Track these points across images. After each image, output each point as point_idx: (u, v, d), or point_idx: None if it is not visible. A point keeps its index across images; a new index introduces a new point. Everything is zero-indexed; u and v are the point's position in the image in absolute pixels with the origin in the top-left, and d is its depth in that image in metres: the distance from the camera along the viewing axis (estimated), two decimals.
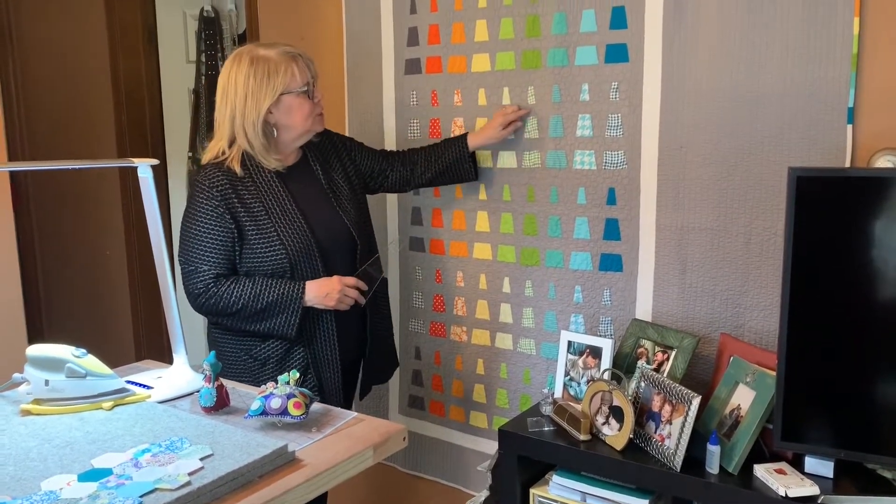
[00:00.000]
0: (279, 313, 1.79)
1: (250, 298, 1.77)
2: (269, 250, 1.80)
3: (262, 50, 1.81)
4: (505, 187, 2.14)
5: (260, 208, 1.81)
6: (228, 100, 1.80)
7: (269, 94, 1.78)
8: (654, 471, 1.58)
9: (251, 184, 1.82)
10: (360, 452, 1.30)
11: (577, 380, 1.89)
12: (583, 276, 2.03)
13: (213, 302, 1.77)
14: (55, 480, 1.12)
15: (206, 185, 1.78)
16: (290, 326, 1.80)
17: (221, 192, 1.78)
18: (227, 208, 1.78)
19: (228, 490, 1.13)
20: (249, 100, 1.78)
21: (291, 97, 1.81)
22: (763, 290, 1.76)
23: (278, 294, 1.78)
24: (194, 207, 1.79)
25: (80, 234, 3.55)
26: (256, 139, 1.80)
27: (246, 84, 1.78)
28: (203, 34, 3.38)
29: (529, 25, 2.02)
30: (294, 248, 1.81)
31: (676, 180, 1.85)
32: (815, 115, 1.66)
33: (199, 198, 1.79)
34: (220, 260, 1.78)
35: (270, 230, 1.80)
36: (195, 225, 1.78)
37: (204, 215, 1.78)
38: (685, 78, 1.81)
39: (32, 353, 1.43)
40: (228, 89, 1.80)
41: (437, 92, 2.22)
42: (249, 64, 1.78)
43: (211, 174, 1.79)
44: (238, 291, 1.77)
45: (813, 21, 1.64)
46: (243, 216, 1.79)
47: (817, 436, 1.49)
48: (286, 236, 1.81)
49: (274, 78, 1.78)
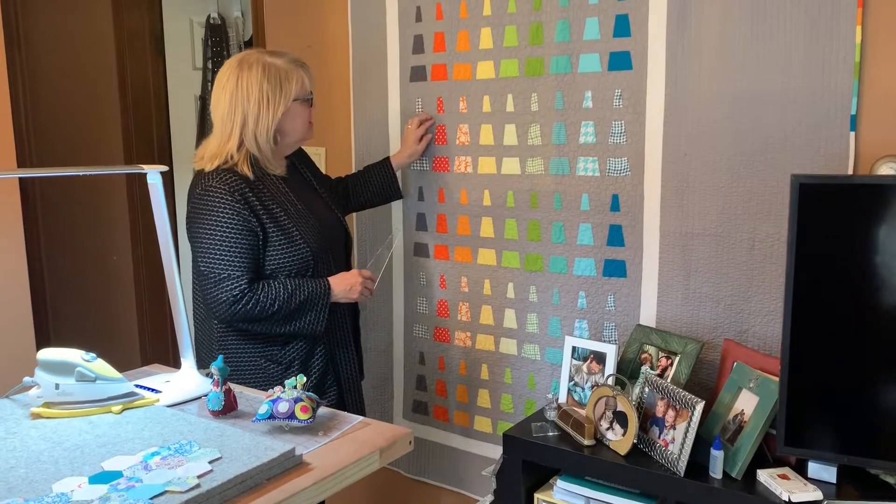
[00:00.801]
0: (310, 311, 1.82)
1: (285, 299, 1.78)
2: (294, 248, 1.82)
3: (269, 57, 1.83)
4: (509, 193, 2.15)
5: (277, 209, 1.82)
6: (240, 104, 1.80)
7: (283, 102, 1.82)
8: (657, 476, 1.59)
9: (262, 186, 1.83)
10: (366, 456, 1.31)
11: (581, 385, 1.90)
12: (587, 282, 2.04)
13: (250, 307, 1.76)
14: (66, 483, 1.13)
15: (226, 190, 1.76)
16: (320, 323, 1.84)
17: (242, 195, 1.77)
18: (249, 210, 1.77)
19: (237, 493, 1.14)
20: (264, 106, 1.80)
21: (298, 104, 1.86)
22: (766, 296, 1.77)
23: (309, 292, 1.81)
24: (215, 213, 1.76)
25: (87, 240, 3.57)
26: (267, 145, 1.83)
27: (260, 90, 1.79)
28: (209, 41, 3.41)
29: (533, 33, 2.04)
30: (314, 244, 1.86)
31: (680, 187, 1.86)
32: (818, 122, 1.67)
33: (220, 203, 1.76)
34: (250, 264, 1.78)
35: (291, 229, 1.83)
36: (220, 230, 1.76)
37: (229, 220, 1.76)
38: (688, 85, 1.82)
39: (43, 356, 1.44)
40: (238, 95, 1.80)
41: (443, 99, 2.24)
42: (262, 71, 1.80)
43: (226, 178, 1.78)
44: (273, 293, 1.78)
45: (815, 29, 1.65)
46: (265, 217, 1.80)
47: (820, 441, 1.50)
48: (306, 233, 1.85)
49: (287, 85, 1.82)
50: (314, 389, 1.88)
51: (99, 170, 1.90)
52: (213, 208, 1.76)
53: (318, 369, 1.91)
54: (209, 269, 1.76)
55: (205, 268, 1.77)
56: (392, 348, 2.47)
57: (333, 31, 2.48)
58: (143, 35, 3.37)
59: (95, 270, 3.57)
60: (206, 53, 3.44)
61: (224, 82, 1.83)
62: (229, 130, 1.82)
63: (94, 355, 1.47)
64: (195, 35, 3.48)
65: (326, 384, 1.93)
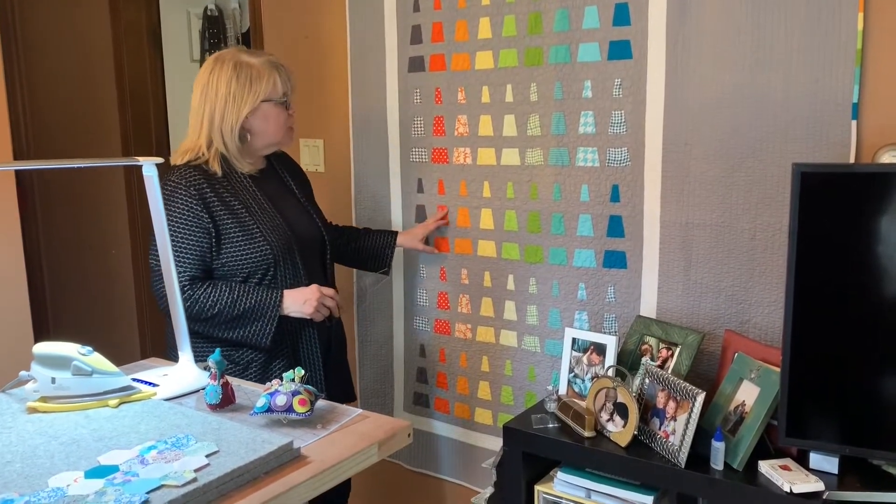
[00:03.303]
0: (255, 320, 1.78)
1: (227, 303, 1.75)
2: (252, 246, 1.79)
3: (245, 56, 1.84)
4: (508, 184, 2.14)
5: (239, 206, 1.81)
6: (208, 100, 1.81)
7: (251, 100, 1.81)
8: (658, 467, 1.58)
9: (226, 183, 1.82)
10: (364, 449, 1.30)
11: (581, 377, 1.89)
12: (587, 273, 2.03)
13: (187, 305, 1.71)
14: (62, 477, 1.12)
15: (183, 184, 1.77)
16: (266, 335, 1.78)
17: (199, 191, 1.77)
18: (204, 207, 1.76)
19: (234, 486, 1.13)
20: (230, 103, 1.80)
21: (270, 105, 1.84)
22: (768, 287, 1.76)
23: (256, 300, 1.77)
24: (169, 207, 1.74)
25: (85, 233, 3.56)
26: (232, 142, 1.82)
27: (228, 87, 1.79)
28: (207, 33, 3.39)
29: (532, 22, 2.02)
30: (276, 244, 1.82)
31: (680, 177, 1.85)
32: (820, 110, 1.66)
33: (175, 197, 1.76)
34: (195, 261, 1.77)
35: (252, 226, 1.80)
36: (170, 225, 1.73)
37: (180, 214, 1.75)
38: (689, 74, 1.80)
39: (39, 350, 1.43)
40: (209, 90, 1.81)
41: (441, 90, 2.22)
42: (233, 68, 1.80)
43: (186, 173, 1.78)
44: (215, 296, 1.75)
45: (817, 16, 1.63)
46: (223, 213, 1.78)
47: (822, 432, 1.49)
48: (267, 232, 1.82)
49: (257, 84, 1.81)
50: None
51: (95, 162, 1.88)
52: (169, 203, 1.76)
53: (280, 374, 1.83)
54: (154, 262, 1.77)
55: (152, 260, 1.78)
56: (392, 341, 2.46)
57: (331, 21, 2.46)
58: (140, 27, 3.35)
59: (94, 264, 3.56)
60: (203, 46, 3.42)
61: (199, 78, 1.85)
62: (199, 126, 1.83)
63: (91, 349, 1.46)
64: (192, 27, 3.46)
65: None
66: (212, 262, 1.79)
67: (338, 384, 2.06)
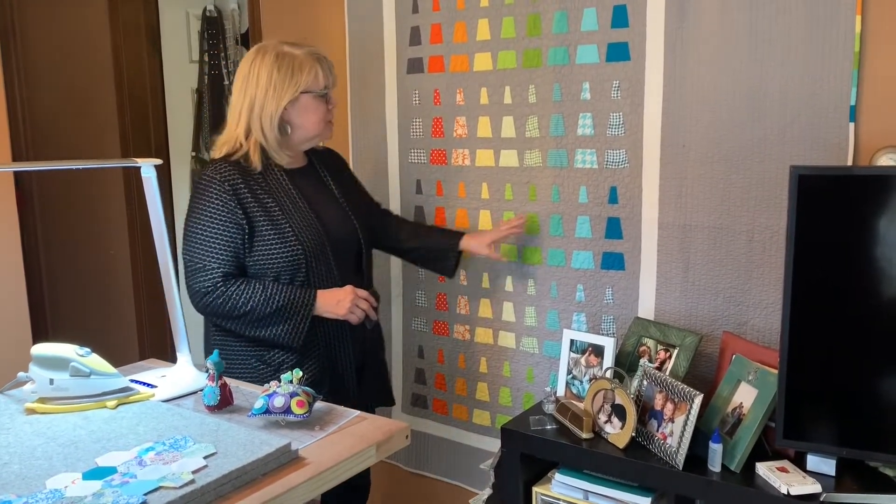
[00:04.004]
0: (287, 319, 1.74)
1: (260, 301, 1.72)
2: (284, 244, 1.75)
3: (287, 47, 1.80)
4: (507, 186, 2.14)
5: (272, 203, 1.77)
6: (249, 90, 1.78)
7: (291, 90, 1.77)
8: (656, 469, 1.58)
9: (261, 179, 1.79)
10: (362, 450, 1.30)
11: (579, 378, 1.89)
12: (585, 275, 2.03)
13: (220, 302, 1.72)
14: (60, 479, 1.12)
15: (217, 179, 1.74)
16: (298, 335, 1.75)
17: (232, 186, 1.74)
18: (237, 202, 1.73)
19: (232, 488, 1.13)
20: (270, 93, 1.77)
21: (309, 98, 1.81)
22: (765, 289, 1.76)
23: (289, 299, 1.73)
24: (202, 202, 1.74)
25: (84, 234, 3.56)
26: (271, 133, 1.79)
27: (269, 77, 1.76)
28: (206, 33, 3.39)
29: (531, 24, 2.02)
30: (308, 243, 1.78)
31: (678, 179, 1.85)
32: (817, 113, 1.66)
33: (208, 192, 1.73)
34: (229, 257, 1.74)
35: (284, 224, 1.76)
36: (203, 220, 1.73)
37: (214, 210, 1.73)
38: (687, 76, 1.81)
39: (37, 352, 1.43)
40: (250, 80, 1.78)
41: (440, 91, 2.23)
42: (275, 58, 1.77)
43: (220, 168, 1.75)
44: (249, 292, 1.72)
45: (815, 19, 1.64)
46: (255, 210, 1.75)
47: (819, 434, 1.49)
48: (299, 231, 1.78)
49: (298, 75, 1.77)
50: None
51: (93, 163, 1.88)
52: (201, 198, 1.75)
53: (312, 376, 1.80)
54: (187, 258, 1.75)
55: (185, 256, 1.76)
56: (391, 342, 2.46)
57: (330, 22, 2.46)
58: (139, 28, 3.35)
59: (93, 265, 3.56)
60: (202, 46, 3.42)
61: (240, 68, 1.82)
62: (237, 116, 1.80)
63: (89, 350, 1.46)
64: (191, 28, 3.46)
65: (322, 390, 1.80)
66: (245, 259, 1.76)
67: (374, 388, 2.02)
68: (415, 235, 2.11)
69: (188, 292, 1.77)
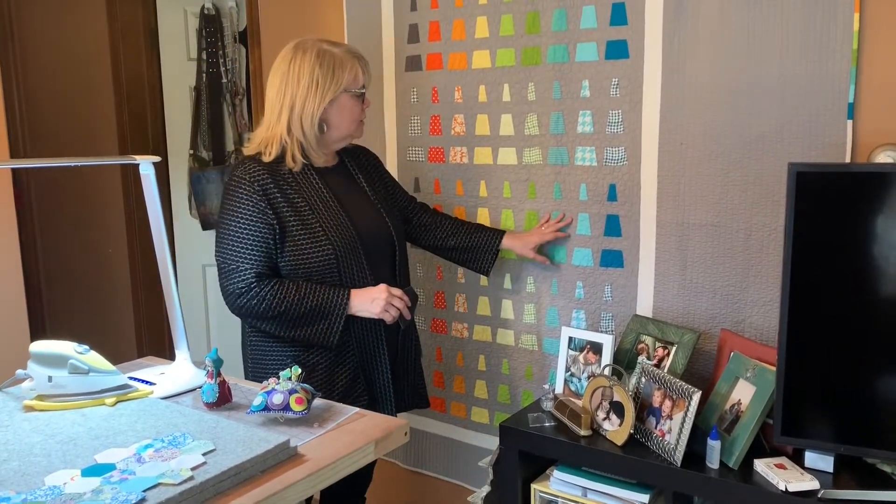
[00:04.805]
0: (322, 319, 1.73)
1: (294, 301, 1.70)
2: (315, 245, 1.73)
3: (326, 45, 1.78)
4: (505, 184, 2.14)
5: (302, 202, 1.75)
6: (289, 88, 1.76)
7: (333, 89, 1.76)
8: (654, 466, 1.59)
9: (291, 179, 1.77)
10: (361, 447, 1.30)
11: (577, 375, 1.89)
12: (584, 273, 2.04)
13: (254, 303, 1.69)
14: (59, 475, 1.12)
15: (247, 179, 1.72)
16: (333, 334, 1.73)
17: (262, 186, 1.72)
18: (268, 202, 1.71)
19: (231, 485, 1.13)
20: (312, 90, 1.75)
21: (348, 97, 1.79)
22: (763, 286, 1.77)
23: (323, 298, 1.72)
24: (232, 203, 1.72)
25: (82, 232, 3.56)
26: (311, 131, 1.77)
27: (311, 75, 1.74)
28: (204, 31, 3.38)
29: (529, 22, 2.02)
30: (339, 243, 1.75)
31: (677, 176, 1.86)
32: (816, 110, 1.66)
33: (238, 192, 1.72)
34: (261, 257, 1.71)
35: (314, 224, 1.74)
36: (234, 221, 1.71)
37: (244, 210, 1.71)
38: (685, 74, 1.81)
39: (36, 349, 1.43)
40: (290, 77, 1.76)
41: (438, 89, 2.23)
42: (316, 56, 1.75)
43: (250, 167, 1.73)
44: (282, 293, 1.70)
45: (813, 16, 1.64)
46: (286, 210, 1.72)
47: (817, 431, 1.49)
48: (330, 231, 1.75)
49: (339, 73, 1.76)
50: (342, 397, 1.76)
51: (91, 160, 1.88)
52: (232, 198, 1.73)
53: (346, 378, 1.81)
54: (220, 260, 1.73)
55: (217, 258, 1.74)
56: None
57: (328, 20, 2.46)
58: (136, 26, 3.34)
59: (91, 263, 3.56)
60: (200, 44, 3.41)
61: (278, 65, 1.79)
62: (277, 113, 1.78)
63: (87, 347, 1.46)
64: (189, 26, 3.45)
65: (356, 392, 1.83)
66: (277, 260, 1.74)
67: (408, 389, 2.00)
68: (453, 234, 2.07)
69: (222, 294, 1.75)
